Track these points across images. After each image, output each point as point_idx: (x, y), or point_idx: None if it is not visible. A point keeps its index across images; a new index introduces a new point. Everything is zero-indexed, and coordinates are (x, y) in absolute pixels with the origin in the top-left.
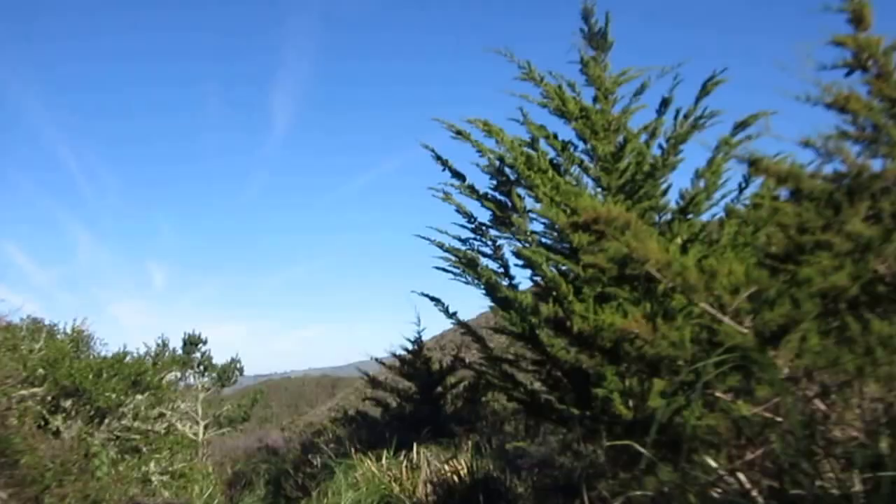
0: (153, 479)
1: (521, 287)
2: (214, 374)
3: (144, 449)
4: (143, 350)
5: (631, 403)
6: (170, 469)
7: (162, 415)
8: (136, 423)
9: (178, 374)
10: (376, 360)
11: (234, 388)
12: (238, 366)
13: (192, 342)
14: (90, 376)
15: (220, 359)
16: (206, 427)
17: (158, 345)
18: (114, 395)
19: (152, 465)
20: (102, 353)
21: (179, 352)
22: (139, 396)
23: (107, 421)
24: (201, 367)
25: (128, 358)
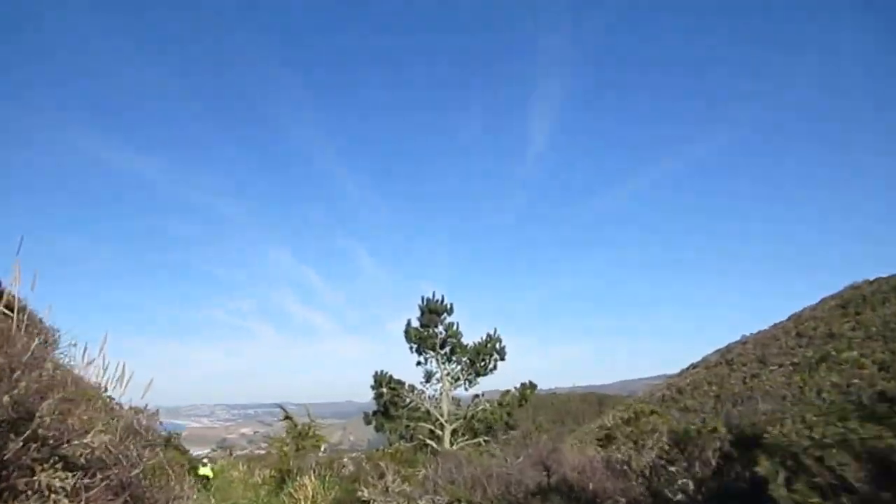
0: None
1: None
2: (465, 359)
3: None
4: None
5: None
6: None
7: None
8: None
9: (420, 358)
10: None
11: (492, 389)
12: (497, 346)
13: (433, 311)
14: None
15: (471, 337)
16: (454, 433)
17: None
18: None
19: None
20: None
21: (415, 324)
22: None
23: None
24: (446, 348)
25: None
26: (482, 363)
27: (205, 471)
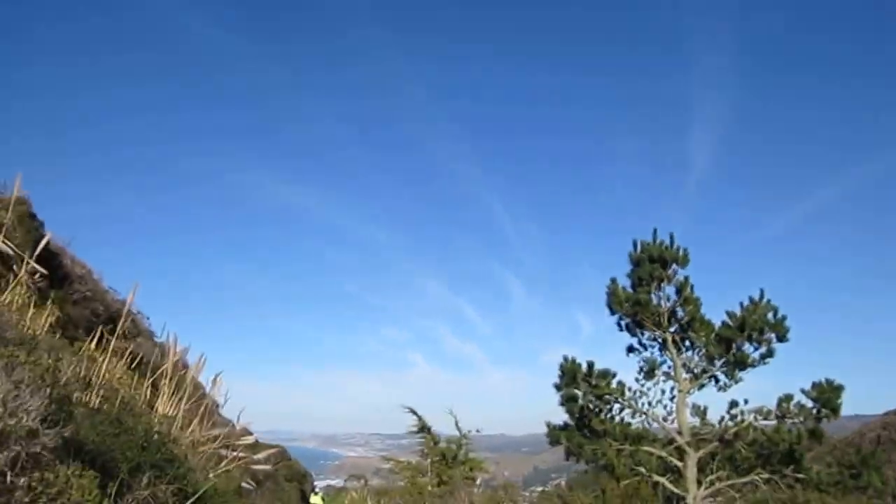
0: None
1: None
2: (713, 339)
3: None
4: None
5: None
6: None
7: None
8: None
9: (634, 341)
10: None
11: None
12: (772, 316)
13: (654, 259)
14: None
15: (715, 311)
16: (700, 464)
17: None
18: None
19: None
20: None
21: (626, 287)
22: None
23: None
24: (677, 324)
25: None
26: (743, 348)
27: (315, 500)
